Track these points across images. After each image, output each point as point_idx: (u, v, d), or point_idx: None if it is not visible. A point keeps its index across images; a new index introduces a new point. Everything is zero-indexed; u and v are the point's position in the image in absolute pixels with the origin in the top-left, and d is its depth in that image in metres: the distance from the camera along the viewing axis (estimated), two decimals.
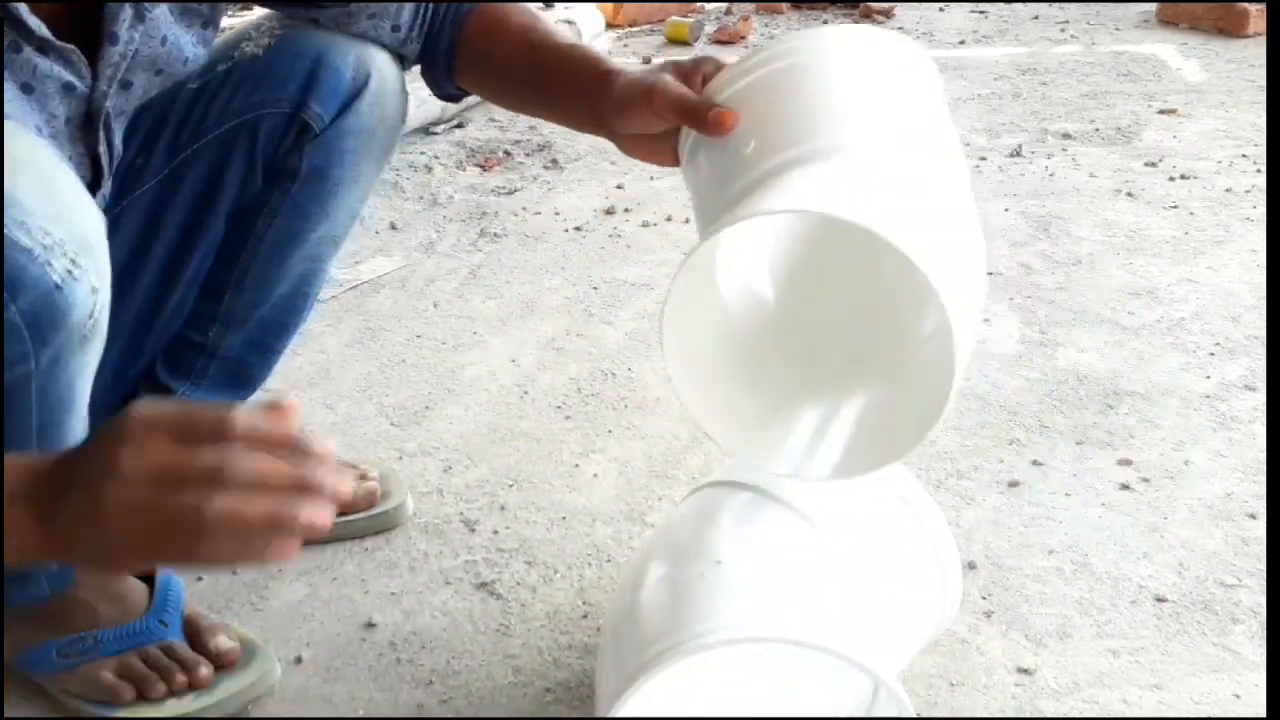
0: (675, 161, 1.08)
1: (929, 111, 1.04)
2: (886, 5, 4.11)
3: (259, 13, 1.26)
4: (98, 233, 0.92)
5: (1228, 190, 2.45)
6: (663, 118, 1.04)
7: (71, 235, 0.88)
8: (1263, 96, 3.06)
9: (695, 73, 1.05)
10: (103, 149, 1.07)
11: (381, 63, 1.21)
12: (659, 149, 1.09)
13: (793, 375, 1.09)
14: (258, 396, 1.38)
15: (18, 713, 1.13)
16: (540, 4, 4.28)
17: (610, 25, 3.98)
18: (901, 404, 1.02)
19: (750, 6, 4.19)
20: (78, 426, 1.00)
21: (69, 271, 0.87)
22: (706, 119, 0.99)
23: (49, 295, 0.87)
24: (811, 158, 0.94)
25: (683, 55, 3.64)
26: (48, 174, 0.88)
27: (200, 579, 1.31)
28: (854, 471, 0.99)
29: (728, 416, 1.03)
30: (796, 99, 1.00)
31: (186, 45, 1.10)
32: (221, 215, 1.23)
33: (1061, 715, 1.12)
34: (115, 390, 1.26)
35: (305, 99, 1.19)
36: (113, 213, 1.19)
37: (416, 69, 1.25)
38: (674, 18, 3.92)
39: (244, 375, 1.32)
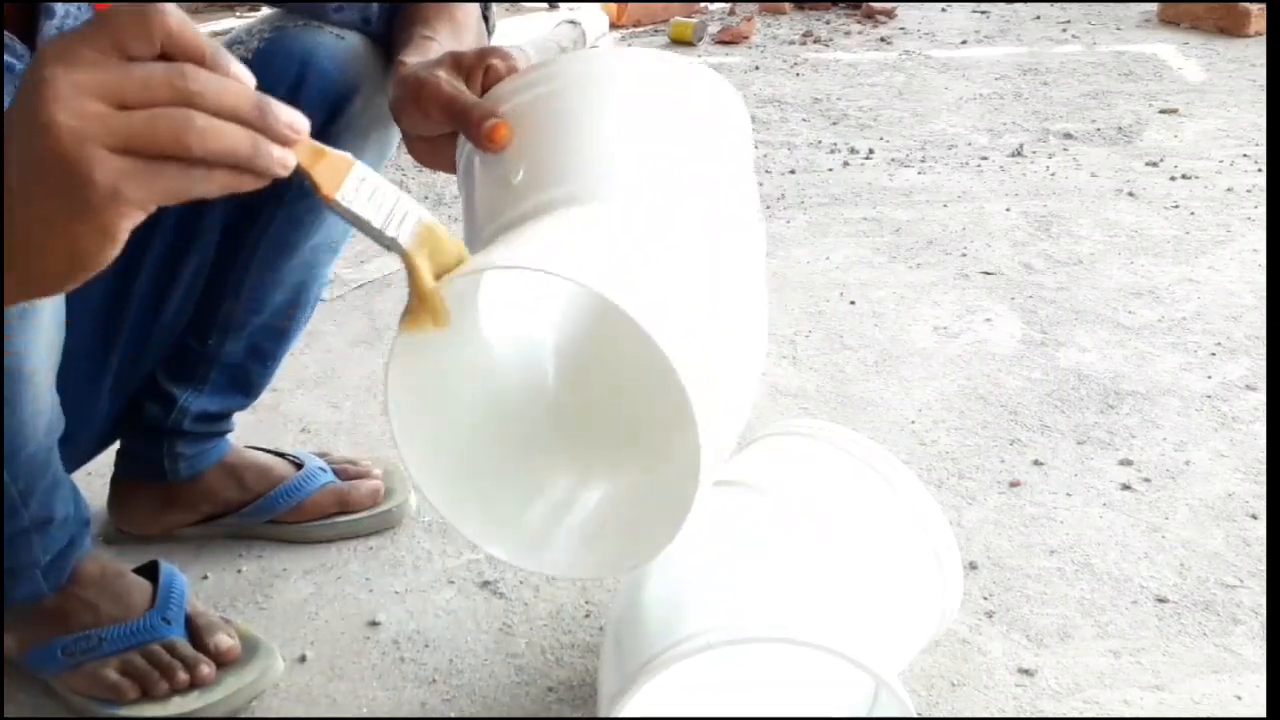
0: (454, 169, 0.94)
1: (722, 161, 0.91)
2: (888, 5, 4.11)
3: (258, 15, 1.25)
4: None
5: (1229, 190, 2.45)
6: (431, 119, 0.89)
7: None
8: (1264, 96, 3.06)
9: (477, 69, 0.90)
10: None
11: (372, 63, 1.18)
12: (437, 153, 0.93)
13: (556, 452, 0.94)
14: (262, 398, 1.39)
15: (22, 712, 1.13)
16: (545, 4, 4.28)
17: (614, 26, 3.99)
18: (656, 494, 0.88)
19: (753, 7, 4.20)
20: (39, 406, 0.99)
21: None
22: (478, 129, 0.85)
23: None
24: (577, 200, 0.82)
25: (686, 55, 3.65)
26: None
27: (205, 577, 1.31)
28: (594, 569, 0.90)
29: (465, 486, 0.88)
30: (576, 128, 0.86)
31: None
32: (215, 222, 1.22)
33: (1062, 715, 1.12)
34: (117, 397, 1.26)
35: (293, 103, 1.16)
36: None
37: None
38: (677, 18, 3.92)
39: (245, 382, 1.32)
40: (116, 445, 1.34)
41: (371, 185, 0.67)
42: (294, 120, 0.64)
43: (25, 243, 0.60)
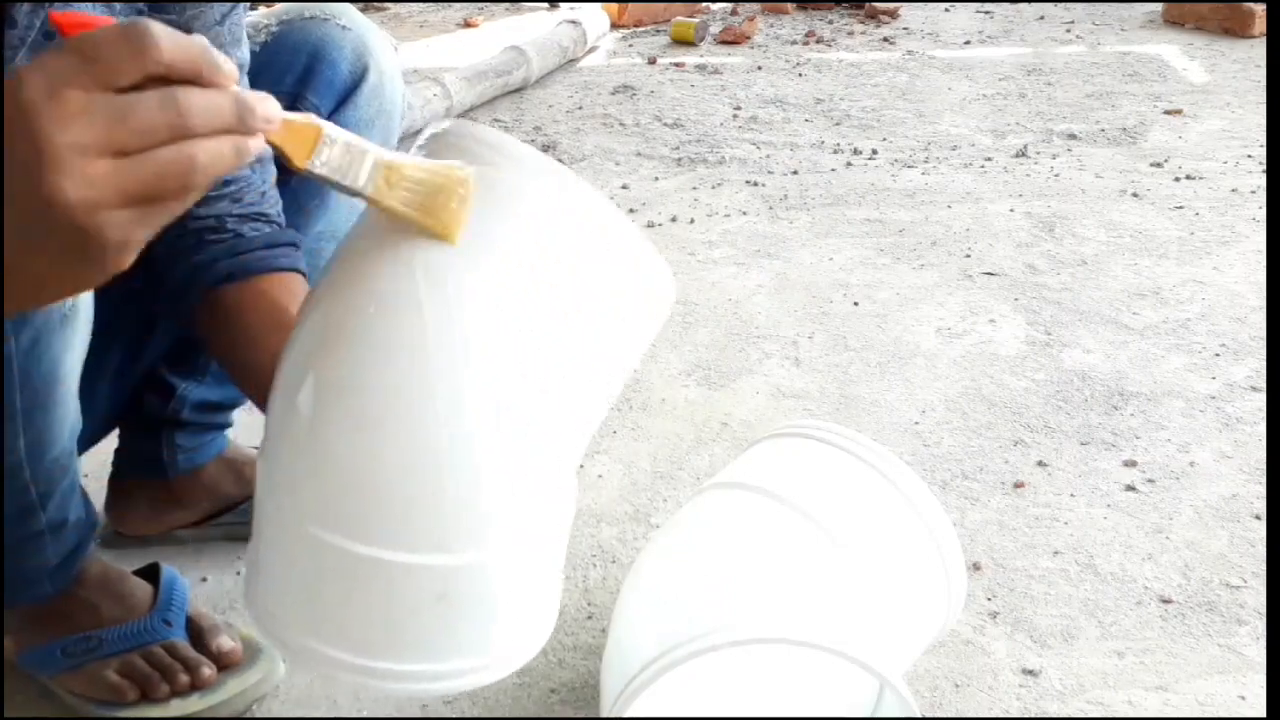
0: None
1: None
2: (892, 6, 4.10)
3: (262, 11, 1.26)
4: None
5: (1233, 191, 2.45)
6: None
7: None
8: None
9: None
10: None
11: (379, 55, 1.22)
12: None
13: None
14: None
15: (21, 712, 1.13)
16: (545, 4, 4.28)
17: (615, 25, 3.98)
18: None
19: (756, 7, 4.19)
20: (67, 409, 0.99)
21: None
22: None
23: None
24: None
25: (688, 56, 3.65)
26: None
27: (205, 579, 1.31)
28: None
29: None
30: None
31: None
32: None
33: (1066, 716, 1.12)
34: (119, 389, 1.26)
35: (302, 92, 1.19)
36: None
37: (406, 75, 1.25)
38: (679, 18, 3.91)
39: None
40: (115, 446, 1.34)
41: (340, 146, 0.68)
42: (268, 112, 0.63)
43: (25, 277, 0.60)
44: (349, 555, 0.74)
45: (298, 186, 1.22)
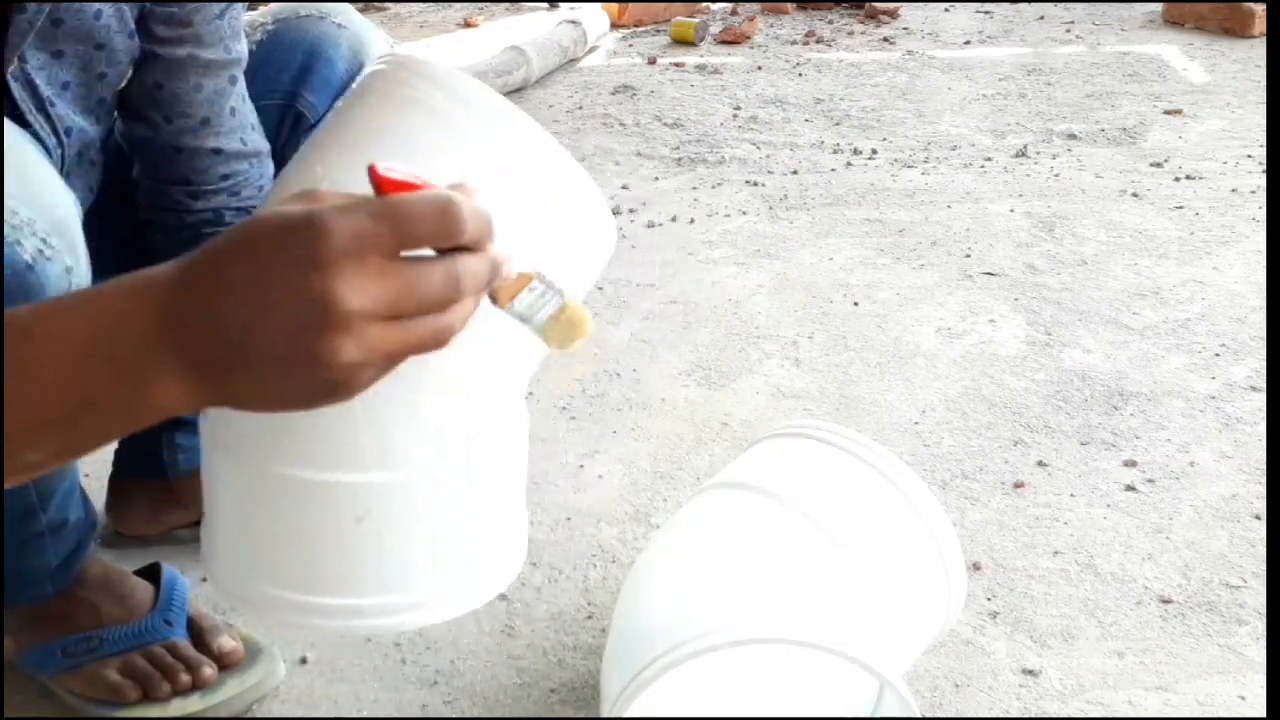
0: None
1: None
2: (892, 6, 4.10)
3: (259, 10, 1.27)
4: (69, 213, 0.91)
5: (1233, 191, 2.45)
6: None
7: (41, 215, 0.87)
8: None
9: None
10: (32, 118, 1.03)
11: (376, 53, 1.22)
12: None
13: None
14: None
15: (21, 712, 1.13)
16: (545, 4, 4.28)
17: (615, 25, 3.98)
18: None
19: (756, 7, 4.19)
20: None
21: (40, 251, 0.86)
22: None
23: (21, 275, 0.85)
24: None
25: (688, 56, 3.65)
26: (15, 156, 0.87)
27: (205, 579, 1.31)
28: None
29: None
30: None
31: (131, 21, 1.07)
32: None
33: (1066, 716, 1.12)
34: None
35: (299, 90, 1.20)
36: (115, 205, 1.19)
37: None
38: (679, 18, 3.91)
39: None
40: (115, 446, 1.34)
41: (539, 291, 0.66)
42: (509, 273, 0.64)
43: (249, 386, 0.58)
44: (277, 478, 0.74)
45: None
